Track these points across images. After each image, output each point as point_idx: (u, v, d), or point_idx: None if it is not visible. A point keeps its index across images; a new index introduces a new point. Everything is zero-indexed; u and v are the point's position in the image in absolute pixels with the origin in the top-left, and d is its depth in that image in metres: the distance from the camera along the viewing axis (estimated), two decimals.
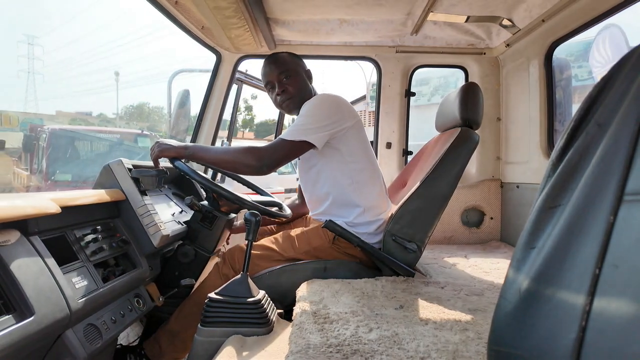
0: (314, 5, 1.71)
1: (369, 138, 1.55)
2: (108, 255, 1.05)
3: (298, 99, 1.45)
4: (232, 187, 1.37)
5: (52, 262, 0.84)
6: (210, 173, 2.02)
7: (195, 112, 2.09)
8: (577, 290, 0.37)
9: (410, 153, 2.28)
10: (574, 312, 0.37)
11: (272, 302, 1.10)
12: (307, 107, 1.37)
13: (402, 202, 1.38)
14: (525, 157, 2.00)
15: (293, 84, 1.45)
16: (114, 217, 1.16)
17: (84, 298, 0.88)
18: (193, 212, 1.41)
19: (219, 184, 1.30)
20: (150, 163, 1.33)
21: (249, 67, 2.13)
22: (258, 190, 1.69)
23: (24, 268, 0.76)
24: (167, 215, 1.37)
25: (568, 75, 2.09)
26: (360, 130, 1.43)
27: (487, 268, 1.59)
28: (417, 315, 0.96)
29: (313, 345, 0.79)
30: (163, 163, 1.33)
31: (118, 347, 1.29)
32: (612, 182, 0.37)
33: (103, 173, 1.20)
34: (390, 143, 2.27)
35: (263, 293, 1.07)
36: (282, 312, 1.17)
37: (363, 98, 13.85)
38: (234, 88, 2.11)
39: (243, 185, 1.72)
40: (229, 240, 1.76)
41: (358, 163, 1.40)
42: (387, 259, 1.33)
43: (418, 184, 1.37)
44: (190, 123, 2.18)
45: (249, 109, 25.31)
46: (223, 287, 1.05)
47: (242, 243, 1.40)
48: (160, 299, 1.27)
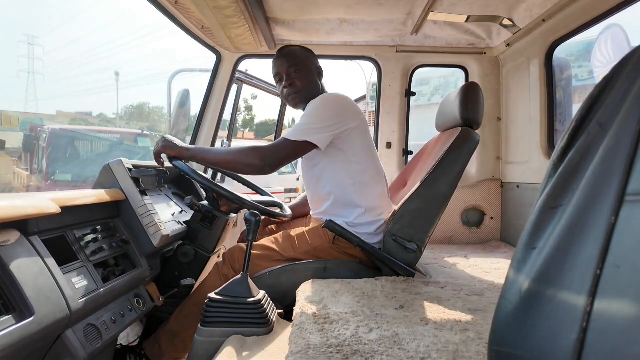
0: (314, 5, 1.71)
1: None
2: (108, 255, 1.05)
3: (304, 94, 1.44)
4: (232, 187, 1.37)
5: (52, 262, 0.84)
6: (210, 173, 2.02)
7: (195, 112, 2.10)
8: (578, 291, 0.37)
9: (411, 153, 2.28)
10: (575, 312, 0.36)
11: (272, 302, 1.10)
12: (311, 106, 1.36)
13: (402, 202, 1.38)
14: (526, 157, 2.00)
15: (301, 79, 1.44)
16: (114, 217, 1.16)
17: (84, 298, 0.87)
18: (193, 212, 1.41)
19: (219, 184, 1.30)
20: (151, 163, 1.33)
21: (249, 67, 2.13)
22: (258, 190, 1.69)
23: (24, 268, 0.76)
24: (167, 215, 1.37)
25: (568, 75, 2.08)
26: (365, 131, 1.43)
27: (487, 268, 1.59)
28: (417, 316, 0.95)
29: (313, 346, 0.79)
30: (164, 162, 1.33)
31: (118, 347, 1.29)
32: (613, 182, 0.37)
33: (103, 173, 1.20)
34: (391, 143, 2.27)
35: (263, 293, 1.07)
36: (282, 312, 1.17)
37: (363, 98, 13.85)
38: (234, 88, 2.11)
39: (243, 185, 1.72)
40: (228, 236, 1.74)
41: (361, 164, 1.40)
42: (387, 259, 1.33)
43: (418, 184, 1.37)
44: (190, 123, 2.18)
45: (249, 109, 25.33)
46: (223, 287, 1.04)
47: (242, 243, 1.40)
48: (160, 299, 1.27)
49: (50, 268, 0.82)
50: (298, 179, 7.82)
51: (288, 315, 1.16)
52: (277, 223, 1.70)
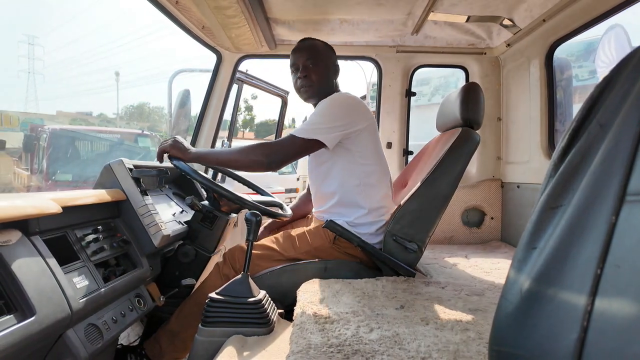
0: (315, 5, 1.71)
1: None
2: (109, 255, 1.05)
3: (317, 88, 1.44)
4: (232, 187, 1.37)
5: (53, 262, 0.84)
6: (211, 173, 2.02)
7: (196, 112, 2.10)
8: (578, 291, 0.37)
9: (411, 153, 2.28)
10: (576, 312, 0.36)
11: (272, 302, 1.10)
12: (322, 105, 1.36)
13: (402, 202, 1.38)
14: (526, 157, 2.00)
15: (317, 72, 1.44)
16: (115, 217, 1.16)
17: (85, 298, 0.88)
18: (194, 212, 1.41)
19: (219, 184, 1.30)
20: (151, 163, 1.33)
21: (249, 67, 2.13)
22: (258, 190, 1.69)
23: (25, 268, 0.76)
24: (167, 215, 1.37)
25: (569, 75, 2.09)
26: (374, 133, 1.43)
27: (487, 268, 1.59)
28: (417, 316, 0.96)
29: (314, 345, 0.79)
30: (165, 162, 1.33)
31: (119, 347, 1.29)
32: (614, 182, 0.37)
33: (104, 173, 1.20)
34: (391, 143, 2.27)
35: (264, 293, 1.07)
36: (282, 312, 1.17)
37: (363, 98, 13.85)
38: (235, 88, 2.11)
39: (243, 185, 1.72)
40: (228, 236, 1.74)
41: (368, 165, 1.40)
42: (387, 259, 1.33)
43: (419, 184, 1.37)
44: (191, 123, 2.18)
45: (249, 109, 25.33)
46: (224, 287, 1.05)
47: (242, 243, 1.40)
48: (161, 299, 1.27)
49: (52, 268, 0.82)
50: (298, 179, 7.82)
51: (289, 315, 1.16)
52: (280, 225, 1.70)
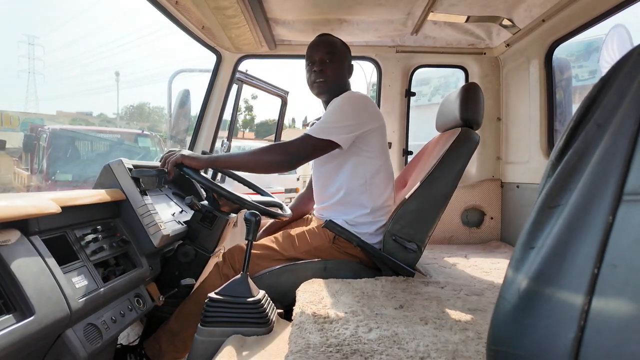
0: (314, 5, 1.71)
1: None
2: (108, 255, 1.05)
3: (331, 85, 1.45)
4: (232, 187, 1.37)
5: (52, 261, 0.84)
6: (210, 173, 2.02)
7: (196, 112, 2.10)
8: (575, 290, 0.37)
9: (411, 153, 2.29)
10: (573, 311, 0.37)
11: (272, 302, 1.10)
12: (336, 104, 1.36)
13: (402, 202, 1.38)
14: (526, 157, 2.00)
15: (333, 69, 1.44)
16: (114, 216, 1.17)
17: (84, 298, 0.88)
18: (193, 212, 1.41)
19: (219, 184, 1.30)
20: (151, 163, 1.33)
21: (249, 67, 2.13)
22: (258, 190, 1.69)
23: (25, 268, 0.76)
24: (167, 215, 1.37)
25: (568, 75, 2.09)
26: (383, 134, 1.44)
27: (487, 268, 1.59)
28: (417, 315, 0.96)
29: (313, 345, 0.79)
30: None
31: (118, 346, 1.29)
32: (611, 182, 0.37)
33: (103, 173, 1.20)
34: (391, 143, 2.27)
35: (263, 293, 1.07)
36: (282, 312, 1.17)
37: None
38: (234, 88, 2.11)
39: (243, 185, 1.72)
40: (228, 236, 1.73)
41: (375, 165, 1.40)
42: (387, 259, 1.33)
43: (418, 184, 1.37)
44: (191, 123, 2.18)
45: (249, 109, 25.33)
46: (223, 286, 1.05)
47: (242, 242, 1.40)
48: (161, 299, 1.27)
49: (51, 267, 0.82)
50: (298, 179, 7.82)
51: (288, 315, 1.16)
52: (280, 226, 1.70)
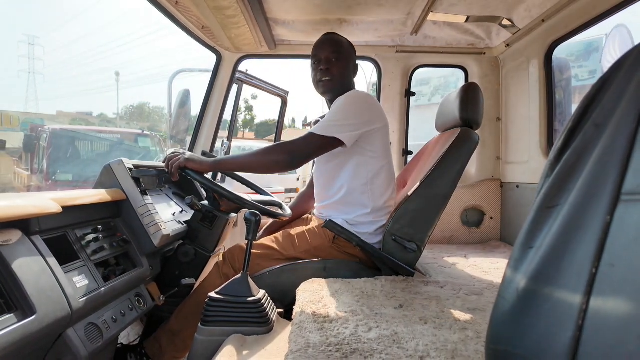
0: (314, 5, 1.71)
1: None
2: (109, 255, 1.05)
3: (337, 83, 1.45)
4: (232, 187, 1.37)
5: (53, 261, 0.84)
6: (211, 173, 2.02)
7: (196, 112, 2.10)
8: (574, 289, 0.37)
9: (410, 153, 2.29)
10: (571, 310, 0.37)
11: (272, 301, 1.11)
12: (341, 102, 1.36)
13: (402, 202, 1.38)
14: (525, 157, 2.01)
15: (339, 68, 1.45)
16: (115, 216, 1.17)
17: (85, 297, 0.88)
18: (193, 211, 1.41)
19: (219, 184, 1.30)
20: (151, 163, 1.33)
21: (249, 67, 2.13)
22: (258, 190, 1.69)
23: (26, 267, 0.76)
24: (167, 215, 1.37)
25: (568, 75, 2.09)
26: (386, 134, 1.44)
27: (486, 268, 1.59)
28: (416, 315, 0.96)
29: (313, 344, 0.79)
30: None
31: (119, 346, 1.29)
32: (609, 182, 0.37)
33: (104, 173, 1.20)
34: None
35: (263, 292, 1.07)
36: (282, 311, 1.18)
37: None
38: (234, 88, 2.11)
39: (243, 185, 1.72)
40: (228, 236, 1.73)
41: (377, 165, 1.41)
42: (387, 259, 1.33)
43: (418, 184, 1.37)
44: (191, 123, 2.18)
45: (249, 109, 25.33)
46: (223, 286, 1.05)
47: (242, 242, 1.40)
48: (161, 299, 1.27)
49: (52, 267, 0.82)
50: (298, 179, 7.82)
51: (288, 315, 1.16)
52: (280, 226, 1.70)
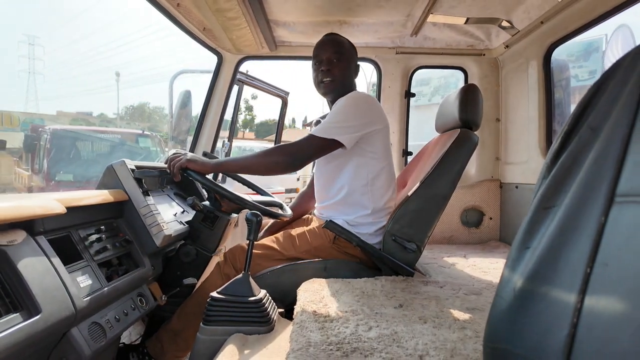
0: (315, 7, 1.72)
1: None
2: (111, 255, 1.06)
3: (338, 84, 1.45)
4: (232, 187, 1.38)
5: (57, 261, 0.85)
6: (211, 174, 2.03)
7: (197, 112, 2.11)
8: (569, 289, 0.38)
9: (410, 154, 2.30)
10: (566, 309, 0.38)
11: (273, 301, 1.12)
12: (341, 104, 1.37)
13: (402, 202, 1.39)
14: (524, 157, 2.02)
15: (340, 68, 1.45)
16: (117, 217, 1.18)
17: (89, 297, 0.89)
18: (195, 212, 1.42)
19: (220, 184, 1.31)
20: (153, 164, 1.34)
21: (250, 67, 2.14)
22: (259, 191, 1.70)
23: (31, 267, 0.77)
24: (169, 216, 1.38)
25: (567, 77, 2.10)
26: (387, 135, 1.45)
27: (485, 268, 1.60)
28: (416, 314, 0.97)
29: (314, 343, 0.80)
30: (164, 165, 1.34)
31: (121, 345, 1.30)
32: (603, 184, 0.38)
33: (106, 174, 1.21)
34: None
35: (264, 292, 1.08)
36: (283, 311, 1.19)
37: None
38: (235, 89, 2.12)
39: (244, 186, 1.73)
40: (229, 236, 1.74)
41: (377, 166, 1.41)
42: (387, 259, 1.34)
43: (418, 185, 1.38)
44: (192, 123, 2.20)
45: (250, 109, 25.34)
46: (225, 286, 1.06)
47: (243, 242, 1.41)
48: (163, 298, 1.28)
49: (56, 267, 0.83)
50: (298, 179, 7.82)
51: (289, 315, 1.17)
52: (280, 226, 1.71)
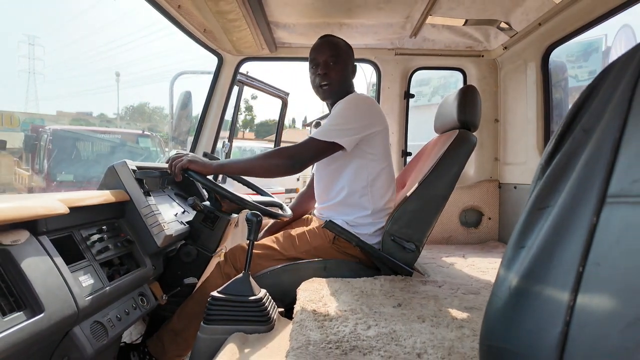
0: (314, 9, 1.73)
1: None
2: (113, 255, 1.07)
3: (336, 87, 1.45)
4: (232, 187, 1.39)
5: (60, 261, 0.86)
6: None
7: (197, 113, 2.12)
8: (562, 287, 0.39)
9: (409, 154, 2.31)
10: (560, 307, 0.39)
11: (273, 300, 1.12)
12: (340, 106, 1.38)
13: (401, 202, 1.40)
14: (523, 158, 2.03)
15: (337, 71, 1.45)
16: (119, 217, 1.19)
17: (91, 296, 0.90)
18: (195, 212, 1.43)
19: (220, 185, 1.32)
20: (154, 164, 1.35)
21: (250, 68, 2.15)
22: (259, 191, 1.71)
23: (34, 267, 0.78)
24: (170, 216, 1.39)
25: (565, 78, 2.11)
26: (387, 137, 1.46)
27: (484, 267, 1.61)
28: (414, 313, 0.98)
29: (313, 342, 0.81)
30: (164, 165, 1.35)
31: (122, 344, 1.31)
32: (595, 185, 0.39)
33: (108, 174, 1.22)
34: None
35: (264, 292, 1.09)
36: (282, 310, 1.19)
37: None
38: (235, 89, 2.13)
39: (244, 186, 1.74)
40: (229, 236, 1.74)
41: (377, 168, 1.42)
42: (386, 259, 1.35)
43: (417, 185, 1.39)
44: (192, 124, 2.21)
45: (249, 110, 25.35)
46: (225, 285, 1.07)
47: (243, 242, 1.42)
48: (164, 298, 1.29)
49: (59, 267, 0.84)
50: (298, 179, 7.83)
51: (289, 314, 1.18)
52: (281, 226, 1.72)
